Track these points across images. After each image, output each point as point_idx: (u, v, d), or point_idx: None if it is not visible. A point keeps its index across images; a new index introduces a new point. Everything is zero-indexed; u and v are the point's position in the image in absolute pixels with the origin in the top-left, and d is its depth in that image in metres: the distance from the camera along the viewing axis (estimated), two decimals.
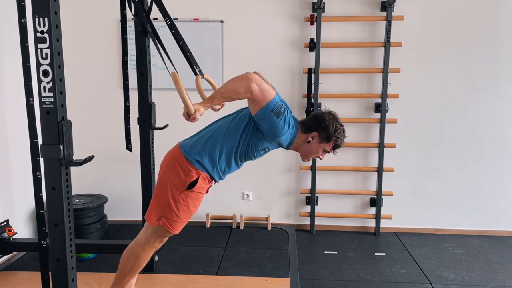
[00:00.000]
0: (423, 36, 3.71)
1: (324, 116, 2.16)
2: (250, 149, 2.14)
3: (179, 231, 2.21)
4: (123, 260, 2.30)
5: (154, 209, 2.17)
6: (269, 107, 1.98)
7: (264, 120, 2.01)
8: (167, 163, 2.17)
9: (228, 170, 2.21)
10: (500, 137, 3.80)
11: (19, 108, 3.19)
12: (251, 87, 1.93)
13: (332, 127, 2.14)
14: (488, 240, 3.79)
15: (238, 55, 3.80)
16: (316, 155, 2.24)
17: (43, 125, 1.71)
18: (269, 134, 2.07)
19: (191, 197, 2.13)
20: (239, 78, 1.97)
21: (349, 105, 3.84)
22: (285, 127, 2.05)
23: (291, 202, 4.05)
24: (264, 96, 1.97)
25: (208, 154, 2.12)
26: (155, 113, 2.88)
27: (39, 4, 1.63)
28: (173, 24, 2.20)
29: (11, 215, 3.24)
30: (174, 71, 2.00)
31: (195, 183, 2.11)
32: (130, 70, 2.83)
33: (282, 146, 2.18)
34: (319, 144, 2.18)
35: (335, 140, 2.18)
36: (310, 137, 2.16)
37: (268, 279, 2.98)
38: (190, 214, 2.19)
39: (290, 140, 2.15)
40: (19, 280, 2.94)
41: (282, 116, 2.01)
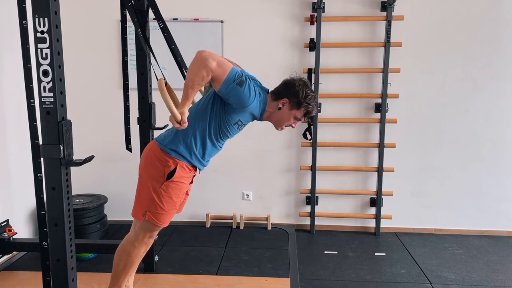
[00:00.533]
0: (423, 36, 3.71)
1: (294, 82, 2.13)
2: (223, 126, 2.12)
3: (167, 224, 2.21)
4: (116, 260, 2.30)
5: (138, 205, 2.18)
6: (230, 78, 1.96)
7: (229, 92, 1.99)
8: (145, 158, 2.18)
9: (206, 153, 2.19)
10: (500, 137, 3.80)
11: (19, 108, 3.20)
12: (209, 66, 1.90)
13: (302, 93, 2.11)
14: (488, 240, 3.79)
15: (238, 55, 3.78)
16: (288, 123, 2.20)
17: (43, 125, 1.72)
18: (238, 105, 2.04)
19: (172, 187, 2.13)
20: (196, 63, 1.93)
21: (349, 105, 3.84)
22: (251, 94, 2.02)
23: (291, 202, 4.05)
24: (223, 69, 1.95)
25: (182, 141, 2.12)
26: (155, 113, 2.88)
27: (39, 4, 1.63)
28: (166, 27, 2.20)
29: (11, 215, 3.24)
30: (161, 77, 2.00)
31: (174, 173, 2.11)
32: (130, 70, 2.83)
33: (256, 117, 2.16)
34: (289, 111, 2.15)
35: (305, 107, 2.15)
36: (281, 103, 2.14)
37: (268, 279, 2.98)
38: (175, 205, 2.19)
39: (261, 108, 2.12)
40: (19, 280, 2.94)
41: (245, 84, 1.99)
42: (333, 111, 3.84)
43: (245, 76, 2.03)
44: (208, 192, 4.03)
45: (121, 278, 2.32)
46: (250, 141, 3.94)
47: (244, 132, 3.88)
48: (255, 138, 3.92)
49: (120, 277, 2.31)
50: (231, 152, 3.98)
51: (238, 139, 3.92)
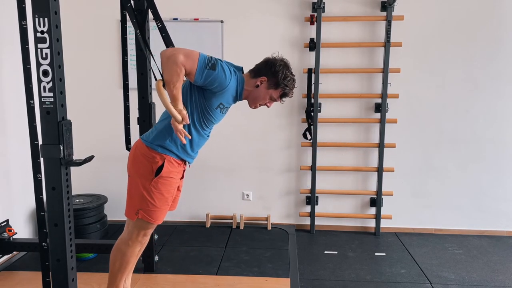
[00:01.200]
0: (423, 36, 3.71)
1: (275, 62, 2.14)
2: (205, 113, 2.11)
3: (161, 221, 2.21)
4: (111, 260, 2.30)
5: (130, 204, 2.17)
6: (201, 66, 1.96)
7: (205, 79, 1.99)
8: (132, 157, 2.18)
9: (194, 144, 2.18)
10: (500, 137, 3.80)
11: (19, 109, 3.19)
12: (177, 60, 1.91)
13: (281, 74, 2.12)
14: (488, 240, 3.78)
15: (238, 55, 3.79)
16: (263, 102, 2.20)
17: (43, 125, 1.72)
18: (218, 88, 2.03)
19: (162, 183, 2.12)
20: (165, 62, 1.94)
21: (349, 105, 3.84)
22: (226, 74, 2.03)
23: (291, 202, 4.05)
24: (192, 59, 1.95)
25: (168, 135, 2.11)
26: (155, 113, 2.88)
27: (39, 4, 1.63)
28: (164, 28, 2.19)
29: (11, 215, 3.24)
30: (160, 79, 2.00)
31: (162, 168, 2.11)
32: (130, 70, 2.83)
33: (236, 97, 2.15)
34: (267, 89, 2.15)
35: (283, 88, 2.15)
36: (259, 81, 2.14)
37: (268, 279, 2.98)
38: (167, 201, 2.18)
39: (239, 87, 2.12)
40: (19, 280, 2.94)
41: (217, 66, 2.00)
42: (333, 111, 3.83)
43: (215, 59, 2.02)
44: (208, 192, 4.03)
45: (118, 278, 2.32)
46: (250, 141, 3.94)
47: (244, 132, 3.90)
48: (255, 138, 3.92)
49: (117, 277, 2.31)
50: (231, 152, 3.99)
51: (238, 139, 3.95)
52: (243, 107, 2.31)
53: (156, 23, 2.19)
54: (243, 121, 3.84)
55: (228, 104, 2.16)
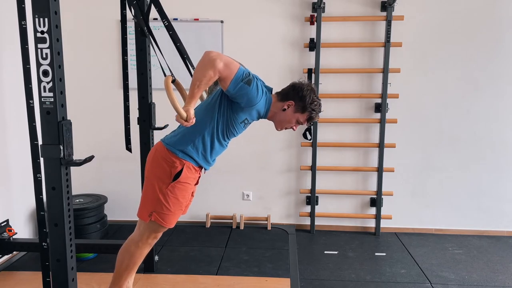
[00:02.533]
0: (423, 36, 3.71)
1: (303, 87, 2.16)
2: (230, 125, 2.13)
3: (173, 225, 2.21)
4: (119, 259, 2.30)
5: (144, 205, 2.18)
6: (238, 78, 1.97)
7: (237, 91, 2.00)
8: (151, 159, 2.18)
9: (214, 152, 2.19)
10: (500, 137, 3.80)
11: (19, 109, 3.19)
12: (216, 66, 1.91)
13: (309, 98, 2.14)
14: (488, 240, 3.78)
15: (238, 55, 3.75)
16: (289, 125, 2.23)
17: (43, 125, 1.71)
18: (246, 103, 2.05)
19: (178, 188, 2.13)
20: (203, 63, 1.93)
21: (349, 105, 3.84)
22: (258, 93, 2.05)
23: (291, 202, 4.05)
24: (230, 69, 1.95)
25: (190, 141, 2.12)
26: (155, 113, 2.88)
27: (39, 4, 1.63)
28: (170, 25, 2.19)
29: (11, 215, 3.24)
30: (169, 75, 1.99)
31: (180, 173, 2.11)
32: (130, 70, 2.83)
33: (261, 115, 2.18)
34: (293, 113, 2.18)
35: (310, 112, 2.18)
36: (286, 105, 2.16)
37: (268, 279, 2.98)
38: (181, 206, 2.19)
39: (266, 107, 2.14)
40: (19, 280, 2.94)
41: (253, 83, 2.01)
42: (333, 111, 3.83)
43: (252, 75, 2.04)
44: (208, 192, 4.03)
45: (123, 278, 2.32)
46: (251, 141, 3.93)
47: (244, 132, 3.88)
48: (255, 138, 3.92)
49: (122, 277, 2.31)
50: (231, 152, 3.96)
51: (238, 139, 3.93)
52: None
53: (162, 21, 2.19)
54: None
55: (251, 120, 2.19)
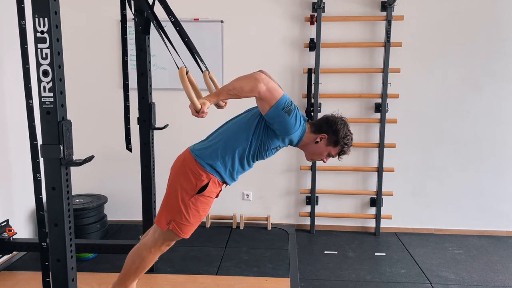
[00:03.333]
0: (423, 36, 3.71)
1: (336, 121, 2.17)
2: (262, 149, 2.13)
3: (189, 236, 2.20)
4: (129, 261, 2.29)
5: (164, 213, 2.16)
6: (279, 106, 1.97)
7: (275, 118, 2.01)
8: (178, 167, 2.16)
9: (241, 171, 2.20)
10: (500, 137, 3.80)
11: (19, 109, 3.19)
12: (258, 87, 1.92)
13: (342, 132, 2.16)
14: (488, 240, 3.78)
15: (238, 55, 3.80)
16: (320, 157, 2.24)
17: (43, 125, 1.71)
18: (281, 132, 2.06)
19: (201, 201, 2.13)
20: (247, 77, 1.96)
21: (349, 105, 3.84)
22: (296, 124, 2.05)
23: (291, 202, 4.05)
24: (273, 94, 1.96)
25: (220, 157, 2.11)
26: (155, 113, 2.88)
27: (39, 4, 1.62)
28: (177, 21, 2.18)
29: (11, 215, 3.24)
30: (182, 66, 1.96)
31: (205, 188, 2.11)
32: (130, 70, 2.83)
33: (292, 144, 2.18)
34: (326, 146, 2.18)
35: (342, 146, 2.19)
36: (319, 138, 2.16)
37: (268, 279, 2.98)
38: (200, 218, 2.18)
39: (300, 137, 2.15)
40: (19, 280, 2.94)
41: (293, 113, 2.01)
42: (333, 111, 3.80)
43: (294, 105, 2.04)
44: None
45: (130, 280, 2.32)
46: None
47: None
48: None
49: (129, 278, 2.31)
50: None
51: None
52: (243, 107, 2.31)
53: (169, 17, 2.17)
54: None
55: (283, 146, 2.20)
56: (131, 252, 2.30)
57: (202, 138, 2.25)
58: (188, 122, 3.93)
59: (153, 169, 2.92)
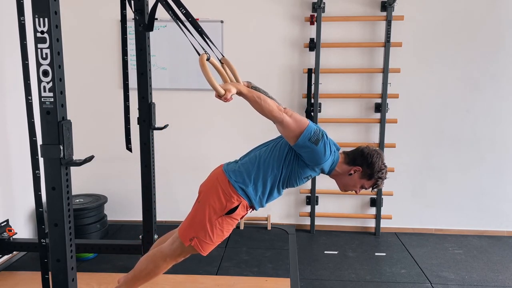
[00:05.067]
0: (423, 36, 3.71)
1: (372, 154, 2.13)
2: (292, 177, 2.12)
3: (207, 253, 2.18)
4: (141, 265, 2.26)
5: (189, 229, 2.14)
6: (306, 136, 1.97)
7: (303, 149, 2.00)
8: (210, 185, 2.15)
9: (270, 198, 2.20)
10: (500, 137, 3.80)
11: (19, 107, 3.19)
12: (282, 117, 1.95)
13: (377, 166, 2.12)
14: (488, 240, 3.78)
15: (238, 55, 3.78)
16: (354, 189, 2.22)
17: (43, 125, 1.71)
18: (311, 162, 2.05)
19: (227, 222, 2.12)
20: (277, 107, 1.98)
21: (349, 105, 3.84)
22: (326, 152, 2.03)
23: (291, 202, 4.05)
24: (298, 124, 1.97)
25: (252, 183, 2.11)
26: (155, 113, 2.88)
27: (39, 4, 1.62)
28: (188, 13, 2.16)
29: (11, 215, 3.24)
30: (203, 53, 1.93)
31: (235, 210, 2.10)
32: (130, 70, 2.83)
33: (324, 172, 2.17)
34: (360, 179, 2.16)
35: (376, 180, 2.15)
36: (353, 170, 2.13)
37: (268, 279, 2.98)
38: (222, 239, 2.17)
39: (332, 166, 2.13)
40: (19, 280, 2.94)
41: (321, 142, 2.00)
42: (333, 111, 3.83)
43: (322, 133, 2.02)
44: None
45: (138, 284, 2.29)
46: (251, 141, 3.91)
47: (245, 132, 3.89)
48: (256, 138, 3.89)
49: (139, 281, 2.29)
50: (231, 152, 3.97)
51: (238, 139, 3.94)
52: (243, 106, 2.31)
53: (179, 9, 2.16)
54: (243, 121, 3.83)
55: (314, 175, 2.18)
56: (145, 256, 2.28)
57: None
58: (188, 122, 3.93)
59: (153, 169, 2.92)
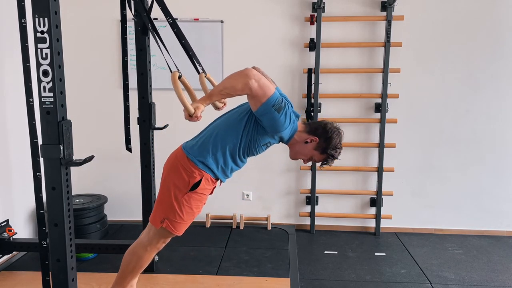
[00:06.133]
0: (423, 36, 3.71)
1: (334, 130, 2.14)
2: (252, 145, 2.12)
3: (182, 233, 2.21)
4: (125, 261, 2.29)
5: (158, 211, 2.17)
6: (269, 103, 1.95)
7: (265, 115, 1.99)
8: (170, 165, 2.16)
9: (233, 168, 2.20)
10: (500, 137, 3.80)
11: (19, 108, 3.19)
12: (249, 83, 1.89)
13: (334, 142, 2.13)
14: (488, 240, 3.78)
15: (238, 55, 3.80)
16: (303, 158, 2.21)
17: (43, 125, 1.71)
18: (271, 129, 2.05)
19: (194, 198, 2.13)
20: (237, 74, 1.93)
21: (349, 105, 3.84)
22: (286, 121, 2.03)
23: (291, 202, 4.05)
24: (264, 92, 1.93)
25: (211, 154, 2.11)
26: (155, 113, 2.88)
27: (39, 4, 1.62)
28: (175, 23, 2.18)
29: (11, 215, 3.24)
30: (175, 70, 1.97)
31: (198, 185, 2.11)
32: (130, 70, 2.83)
33: (283, 141, 2.17)
34: (313, 149, 2.16)
35: (328, 155, 2.16)
36: (310, 139, 2.14)
37: (268, 279, 2.98)
38: (193, 216, 2.19)
39: (290, 134, 2.13)
40: (19, 280, 2.94)
41: (283, 111, 1.99)
42: (333, 111, 3.83)
43: (285, 102, 2.01)
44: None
45: (127, 280, 2.32)
46: None
47: None
48: None
49: (127, 278, 2.31)
50: None
51: None
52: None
53: (166, 19, 2.17)
54: None
55: (273, 143, 2.18)
56: (127, 251, 2.30)
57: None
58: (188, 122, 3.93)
59: (153, 169, 2.92)
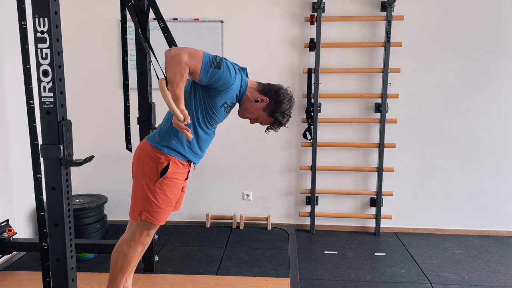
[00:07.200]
0: (423, 36, 3.71)
1: (286, 96, 2.16)
2: (210, 112, 2.11)
3: (164, 222, 2.20)
4: (113, 260, 2.29)
5: (135, 205, 2.17)
6: (206, 65, 1.95)
7: (210, 78, 1.98)
8: (137, 158, 2.17)
9: (200, 143, 2.18)
10: (500, 137, 3.80)
11: (19, 109, 3.19)
12: (181, 60, 1.89)
13: (283, 107, 2.14)
14: (488, 240, 3.79)
15: (238, 55, 3.78)
16: (250, 117, 2.21)
17: (43, 125, 1.71)
18: (222, 86, 2.03)
19: (166, 184, 2.12)
20: (168, 63, 1.92)
21: (349, 105, 3.84)
22: (231, 72, 2.03)
23: (291, 202, 4.05)
24: (196, 58, 1.94)
25: (173, 135, 2.11)
26: (155, 113, 2.88)
27: (39, 4, 1.63)
28: (166, 27, 2.18)
29: (11, 215, 3.24)
30: (162, 78, 1.97)
31: (167, 169, 2.10)
32: (130, 70, 2.83)
33: (238, 96, 2.14)
34: (261, 110, 2.16)
35: (274, 119, 2.18)
36: (261, 98, 2.14)
37: (268, 279, 2.98)
38: (170, 202, 2.18)
39: (242, 89, 2.12)
40: (19, 280, 2.94)
41: (223, 65, 1.99)
42: (333, 111, 3.83)
43: (220, 57, 2.02)
44: (208, 192, 4.03)
45: (119, 279, 2.31)
46: (250, 141, 3.93)
47: (244, 132, 3.89)
48: (255, 138, 3.91)
49: (118, 277, 2.31)
50: (231, 152, 3.99)
51: (238, 139, 3.94)
52: None
53: (158, 22, 2.18)
54: (243, 120, 3.82)
55: (232, 104, 2.16)
56: (113, 251, 2.30)
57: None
58: None
59: None
